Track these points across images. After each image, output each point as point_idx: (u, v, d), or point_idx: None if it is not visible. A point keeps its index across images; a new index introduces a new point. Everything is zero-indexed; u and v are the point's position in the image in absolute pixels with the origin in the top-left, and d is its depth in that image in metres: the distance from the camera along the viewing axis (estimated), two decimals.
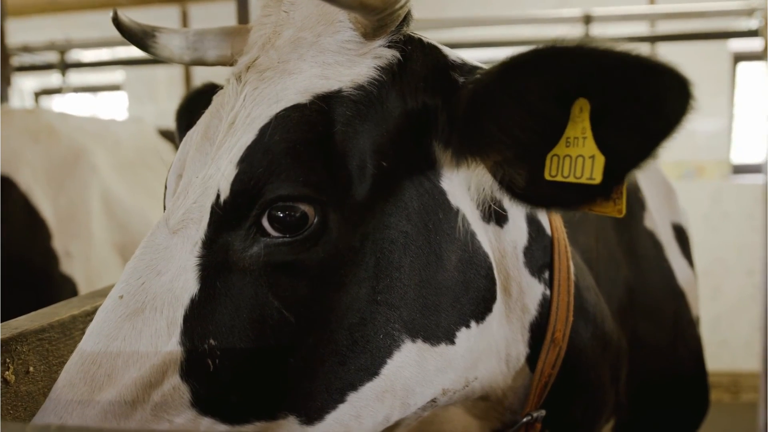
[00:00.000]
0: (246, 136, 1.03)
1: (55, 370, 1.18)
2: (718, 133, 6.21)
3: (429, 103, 1.11)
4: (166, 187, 1.20)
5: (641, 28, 5.17)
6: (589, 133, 0.98)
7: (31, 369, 1.14)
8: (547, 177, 1.01)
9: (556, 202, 1.05)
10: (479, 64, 1.18)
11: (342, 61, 1.10)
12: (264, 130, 1.03)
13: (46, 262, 3.20)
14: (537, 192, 1.04)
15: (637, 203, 1.93)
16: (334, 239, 1.02)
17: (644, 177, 2.06)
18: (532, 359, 1.30)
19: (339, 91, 1.06)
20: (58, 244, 3.23)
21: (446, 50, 1.21)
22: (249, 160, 1.01)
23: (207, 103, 1.19)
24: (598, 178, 0.97)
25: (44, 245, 3.20)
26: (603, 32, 4.64)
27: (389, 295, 1.06)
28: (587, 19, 4.33)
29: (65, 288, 3.18)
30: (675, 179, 6.14)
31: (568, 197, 1.02)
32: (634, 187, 1.95)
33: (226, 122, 1.08)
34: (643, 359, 1.73)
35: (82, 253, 3.25)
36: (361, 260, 1.05)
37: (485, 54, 5.83)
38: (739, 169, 6.39)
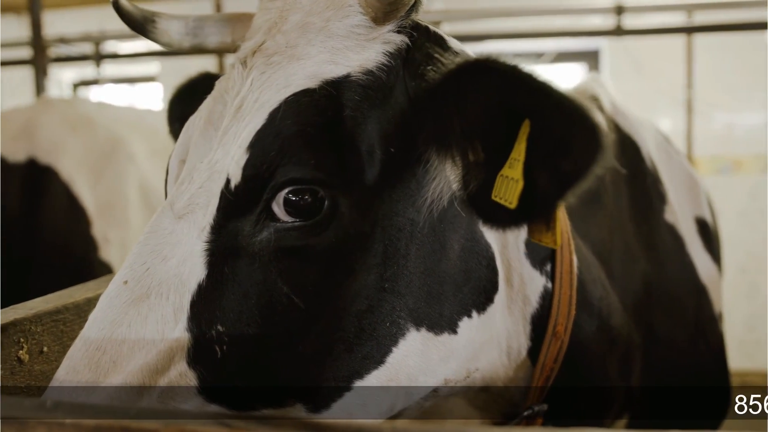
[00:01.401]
0: (255, 121, 1.03)
1: None
2: (756, 127, 6.04)
3: None
4: (167, 172, 1.21)
5: (677, 19, 5.05)
6: (522, 156, 0.97)
7: (45, 349, 1.18)
8: (492, 196, 1.02)
9: (490, 218, 1.05)
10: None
11: (351, 46, 1.10)
12: (274, 115, 1.03)
13: (86, 249, 3.30)
14: (479, 203, 1.04)
15: (657, 196, 1.90)
16: (345, 224, 1.02)
17: (666, 169, 2.02)
18: (533, 352, 1.30)
19: (347, 76, 1.06)
20: (97, 231, 3.33)
21: (451, 41, 1.21)
22: (260, 144, 1.01)
23: (203, 91, 1.20)
24: (513, 202, 0.97)
25: (84, 233, 3.31)
26: (638, 23, 4.55)
27: (396, 282, 1.07)
28: (619, 10, 4.26)
29: (103, 274, 3.29)
30: (711, 174, 6.00)
31: (499, 216, 1.02)
32: (655, 180, 1.92)
33: (232, 107, 1.08)
34: (660, 354, 1.71)
35: (119, 239, 3.36)
36: (371, 246, 1.05)
37: (516, 45, 5.78)
38: None
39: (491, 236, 1.21)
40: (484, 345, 1.21)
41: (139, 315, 0.99)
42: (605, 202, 1.66)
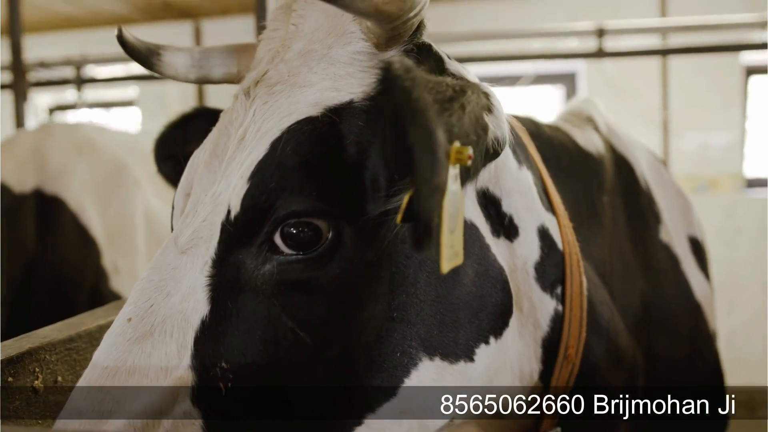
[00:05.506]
0: (257, 151, 1.02)
1: None
2: (730, 147, 6.18)
3: None
4: (173, 207, 1.19)
5: (653, 41, 5.17)
6: None
7: (60, 379, 1.15)
8: None
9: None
10: (471, 78, 1.16)
11: (353, 73, 1.08)
12: (275, 144, 1.01)
13: (97, 280, 3.23)
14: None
15: (652, 216, 1.93)
16: (350, 255, 1.00)
17: (659, 189, 2.06)
18: (545, 376, 1.29)
19: (350, 103, 1.05)
20: (107, 261, 3.25)
21: (449, 63, 1.19)
22: (260, 175, 1.00)
23: (194, 128, 1.20)
24: (399, 218, 0.90)
25: (95, 264, 3.23)
26: (615, 45, 4.65)
27: (405, 311, 1.04)
28: (600, 33, 4.35)
29: None
30: (688, 193, 6.11)
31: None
32: (649, 200, 1.95)
33: (235, 138, 1.06)
34: (660, 374, 1.72)
35: (128, 268, 3.28)
36: (377, 275, 1.03)
37: (497, 69, 5.86)
38: (753, 183, 6.35)
39: (503, 260, 1.20)
40: (498, 371, 1.20)
41: (143, 353, 0.97)
42: (604, 223, 1.68)
